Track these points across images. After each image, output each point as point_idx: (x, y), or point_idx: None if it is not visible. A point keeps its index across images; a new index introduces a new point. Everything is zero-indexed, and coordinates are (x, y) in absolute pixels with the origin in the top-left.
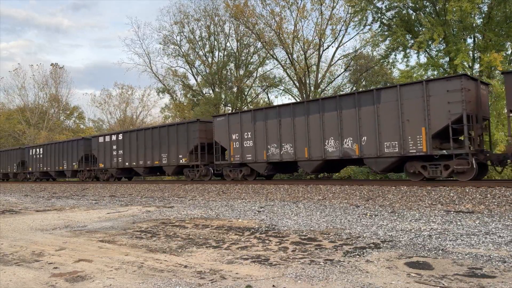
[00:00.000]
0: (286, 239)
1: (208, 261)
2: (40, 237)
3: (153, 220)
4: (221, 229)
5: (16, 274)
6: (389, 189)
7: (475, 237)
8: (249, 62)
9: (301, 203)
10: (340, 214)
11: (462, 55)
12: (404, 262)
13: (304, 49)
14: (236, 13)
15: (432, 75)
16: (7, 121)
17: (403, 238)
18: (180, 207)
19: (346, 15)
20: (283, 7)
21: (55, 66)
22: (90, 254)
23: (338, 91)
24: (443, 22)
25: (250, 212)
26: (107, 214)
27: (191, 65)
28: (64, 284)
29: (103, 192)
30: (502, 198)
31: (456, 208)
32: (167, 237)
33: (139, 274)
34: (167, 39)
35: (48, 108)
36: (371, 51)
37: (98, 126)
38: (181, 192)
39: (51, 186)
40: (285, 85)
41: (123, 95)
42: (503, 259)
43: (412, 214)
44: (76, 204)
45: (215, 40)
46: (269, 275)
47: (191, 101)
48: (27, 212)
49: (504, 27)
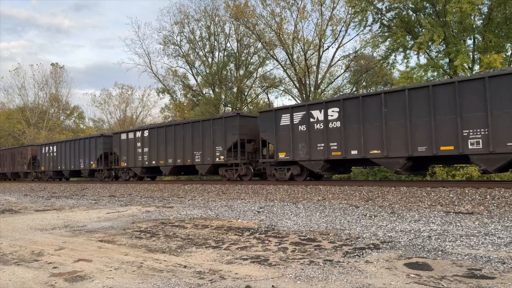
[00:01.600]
0: (285, 239)
1: (207, 261)
2: (40, 237)
3: (152, 220)
4: (220, 229)
5: (15, 274)
6: (388, 189)
7: (475, 238)
8: (249, 63)
9: (300, 203)
10: (340, 215)
11: (462, 56)
12: (403, 263)
13: (304, 50)
14: (237, 13)
15: (432, 76)
16: (7, 120)
17: (403, 239)
18: (179, 207)
19: (346, 16)
20: (283, 7)
21: (55, 66)
22: (90, 254)
23: (338, 92)
24: (443, 23)
25: (250, 213)
26: (106, 214)
27: (191, 65)
28: (63, 283)
29: (102, 192)
30: (502, 199)
31: (455, 209)
32: (167, 237)
33: (139, 274)
34: (167, 39)
35: (48, 108)
36: (371, 51)
37: (98, 126)
38: (181, 192)
39: (50, 186)
40: (285, 85)
41: (123, 95)
42: (503, 260)
43: (412, 215)
44: (75, 204)
45: (215, 40)
46: (269, 275)
47: (191, 101)
48: (27, 212)
49: (504, 29)
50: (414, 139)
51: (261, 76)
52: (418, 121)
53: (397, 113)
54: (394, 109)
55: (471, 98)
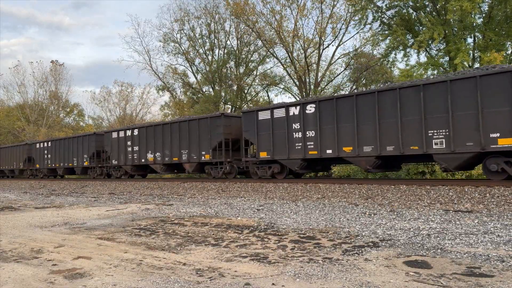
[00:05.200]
0: (285, 237)
1: (207, 259)
2: (39, 234)
3: (152, 218)
4: (220, 227)
5: (15, 271)
6: (388, 188)
7: (474, 236)
8: (249, 60)
9: (300, 201)
10: (339, 213)
11: (462, 54)
12: (402, 261)
13: (304, 48)
14: (237, 11)
15: (432, 74)
16: (7, 118)
17: (402, 237)
18: (179, 205)
19: (346, 14)
20: (284, 5)
21: (55, 63)
22: (89, 251)
23: (338, 90)
24: (443, 21)
25: (249, 210)
26: (106, 212)
27: (191, 63)
28: (63, 281)
29: (102, 190)
30: (501, 197)
31: (455, 208)
32: (166, 234)
33: (138, 271)
34: (167, 36)
35: (47, 105)
36: (371, 49)
37: (98, 124)
38: (180, 190)
39: (50, 183)
40: (285, 83)
41: (123, 92)
42: (502, 258)
43: (411, 213)
44: (75, 202)
45: (215, 38)
46: (268, 273)
47: (190, 99)
48: (26, 209)
49: (504, 27)
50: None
51: (261, 74)
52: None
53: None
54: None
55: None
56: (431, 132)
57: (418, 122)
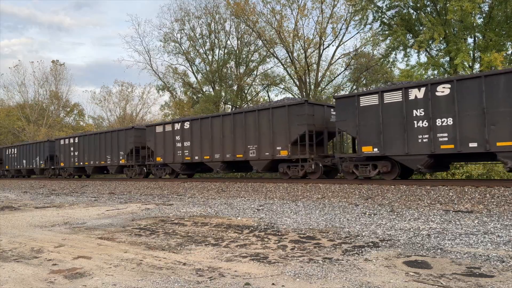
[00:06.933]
0: (285, 237)
1: (207, 258)
2: (39, 234)
3: (152, 218)
4: (220, 227)
5: (15, 271)
6: (388, 188)
7: (474, 236)
8: (249, 60)
9: (300, 201)
10: (339, 213)
11: (463, 54)
12: (402, 261)
13: (305, 48)
14: (237, 11)
15: (432, 74)
16: (7, 117)
17: (402, 237)
18: (179, 204)
19: (346, 14)
20: (284, 5)
21: (56, 63)
22: (89, 251)
23: (338, 90)
24: (443, 21)
25: (249, 210)
26: (106, 211)
27: (191, 63)
28: (63, 280)
29: (102, 190)
30: (501, 198)
31: (455, 208)
32: (166, 234)
33: (138, 271)
34: (167, 36)
35: (48, 105)
36: (371, 50)
37: (98, 124)
38: (181, 190)
39: (50, 183)
40: (286, 83)
41: (123, 92)
42: (502, 258)
43: (411, 213)
44: (75, 201)
45: (216, 38)
46: (268, 273)
47: (191, 99)
48: (26, 209)
49: (504, 27)
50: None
51: (262, 74)
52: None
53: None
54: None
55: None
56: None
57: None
